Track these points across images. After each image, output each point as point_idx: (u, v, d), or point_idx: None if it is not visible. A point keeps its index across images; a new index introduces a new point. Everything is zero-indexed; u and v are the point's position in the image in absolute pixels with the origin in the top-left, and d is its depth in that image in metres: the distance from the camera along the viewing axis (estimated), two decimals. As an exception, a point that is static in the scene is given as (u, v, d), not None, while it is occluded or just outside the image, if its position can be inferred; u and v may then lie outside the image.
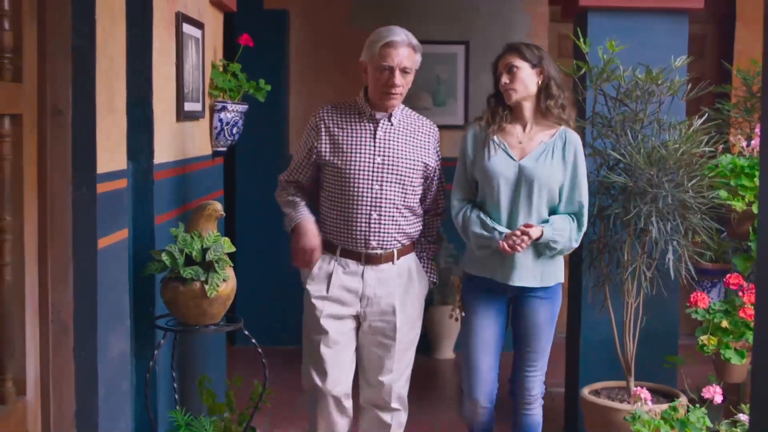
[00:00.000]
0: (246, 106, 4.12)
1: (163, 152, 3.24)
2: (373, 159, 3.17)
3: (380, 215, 3.17)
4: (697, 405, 3.59)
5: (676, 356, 4.02)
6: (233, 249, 3.03)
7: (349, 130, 3.21)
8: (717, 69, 5.91)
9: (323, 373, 3.18)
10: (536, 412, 3.42)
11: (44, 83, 2.45)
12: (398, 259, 3.25)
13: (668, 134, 3.68)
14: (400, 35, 3.16)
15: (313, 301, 3.20)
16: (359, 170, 3.16)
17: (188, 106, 3.53)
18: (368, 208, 3.17)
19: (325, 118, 3.24)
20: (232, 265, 3.07)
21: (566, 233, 3.21)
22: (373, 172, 3.17)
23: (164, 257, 2.89)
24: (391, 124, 3.23)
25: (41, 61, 2.44)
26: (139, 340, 3.03)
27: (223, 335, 4.34)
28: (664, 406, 3.65)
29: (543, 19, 5.89)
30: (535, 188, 3.20)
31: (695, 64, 6.13)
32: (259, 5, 5.78)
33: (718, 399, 3.61)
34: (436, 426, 4.55)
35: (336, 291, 3.20)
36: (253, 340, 3.26)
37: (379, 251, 3.21)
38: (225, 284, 2.98)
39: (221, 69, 4.09)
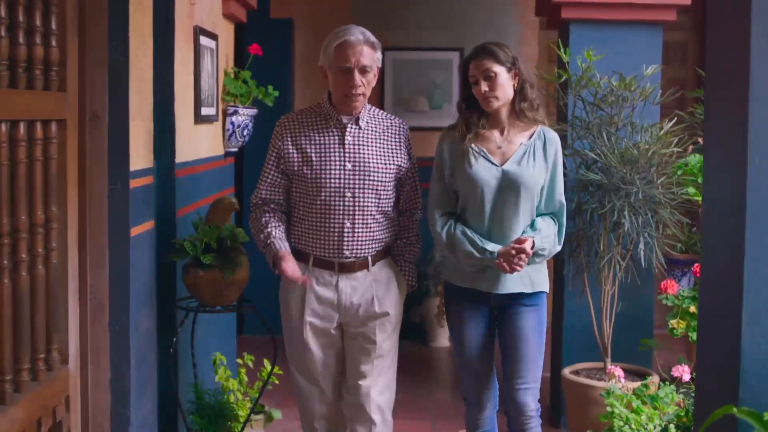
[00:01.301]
0: (255, 110, 4.48)
1: (183, 152, 3.60)
2: (344, 166, 3.04)
3: (354, 224, 3.05)
4: (667, 382, 3.95)
5: (650, 339, 4.37)
6: (247, 239, 3.38)
7: (316, 138, 3.07)
8: (698, 74, 6.26)
9: (316, 385, 3.16)
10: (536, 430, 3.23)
11: (84, 92, 2.82)
12: (373, 265, 3.12)
13: (640, 136, 4.03)
14: (355, 34, 3.02)
15: (292, 313, 3.12)
16: (329, 179, 3.02)
17: (204, 111, 3.90)
18: (341, 217, 3.04)
19: (291, 126, 3.10)
20: (246, 253, 3.42)
21: (551, 238, 3.14)
22: (344, 179, 3.03)
23: (186, 245, 3.25)
24: (359, 128, 3.08)
25: (81, 73, 2.80)
26: (161, 320, 3.38)
27: (234, 322, 4.70)
28: (638, 384, 4.01)
29: (533, 27, 6.25)
30: (522, 192, 3.08)
31: (678, 69, 6.53)
32: (266, 14, 6.13)
33: (686, 377, 3.96)
34: (430, 406, 4.91)
35: (312, 304, 3.09)
36: (262, 318, 3.58)
37: (352, 259, 3.08)
38: (240, 270, 3.33)
39: (233, 76, 4.45)
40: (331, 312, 3.11)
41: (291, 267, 3.03)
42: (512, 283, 3.13)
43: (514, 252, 3.03)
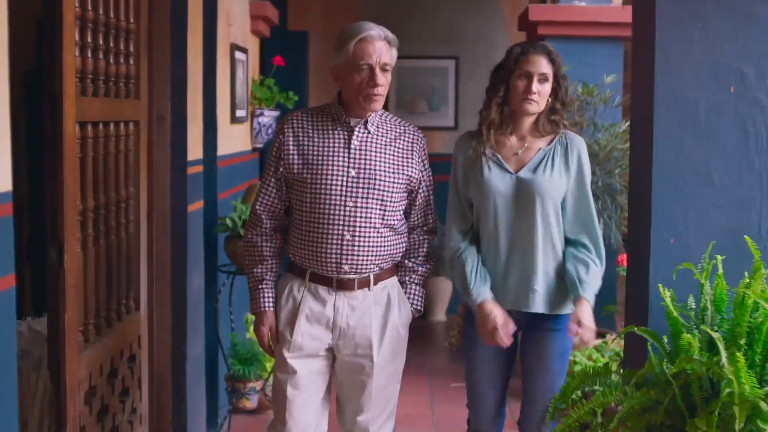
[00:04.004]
0: (278, 112, 5.29)
1: (222, 147, 4.40)
2: (347, 172, 2.77)
3: (354, 236, 2.77)
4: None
5: (612, 306, 5.16)
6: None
7: (320, 140, 2.81)
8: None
9: (289, 416, 2.84)
10: None
11: (152, 99, 3.60)
12: (375, 284, 2.84)
13: (601, 134, 4.81)
14: (375, 29, 2.77)
15: (280, 331, 2.87)
16: (330, 185, 2.76)
17: (238, 113, 4.70)
18: (340, 228, 2.77)
19: (294, 125, 2.84)
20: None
21: (597, 280, 2.94)
22: (346, 187, 2.76)
23: (228, 221, 4.05)
24: (368, 131, 2.83)
25: (150, 84, 3.59)
26: (208, 281, 4.17)
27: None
28: (599, 341, 4.79)
29: (520, 39, 7.02)
30: (537, 203, 2.84)
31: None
32: (285, 27, 6.92)
33: (639, 335, 4.74)
34: (427, 365, 5.71)
35: (303, 323, 2.83)
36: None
37: (352, 276, 2.81)
38: (270, 240, 4.13)
39: (259, 83, 5.25)
40: (323, 332, 2.84)
41: (266, 336, 2.89)
42: (538, 302, 2.89)
43: (577, 329, 2.81)
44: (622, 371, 2.84)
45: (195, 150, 3.85)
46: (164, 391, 3.70)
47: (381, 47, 2.76)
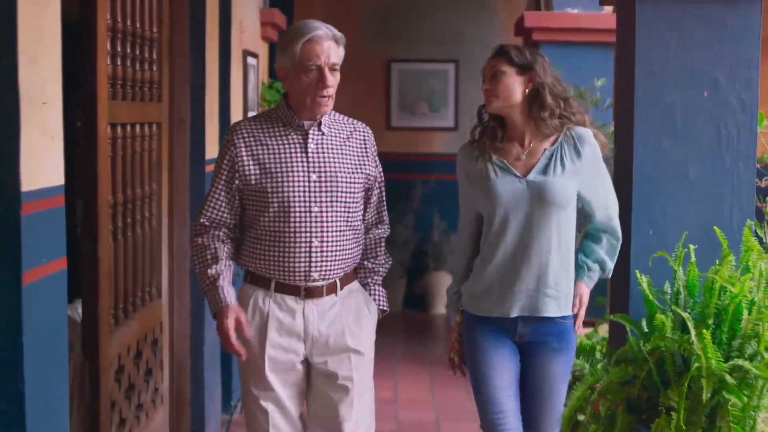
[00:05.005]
0: (286, 114, 5.57)
1: (235, 147, 4.69)
2: (308, 177, 2.69)
3: (322, 242, 2.69)
4: (613, 329, 5.01)
5: (603, 297, 5.43)
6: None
7: (275, 146, 2.71)
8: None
9: (273, 429, 2.75)
10: None
11: (173, 102, 3.88)
12: (341, 289, 2.78)
13: (592, 134, 5.09)
14: (322, 28, 2.67)
15: (253, 345, 2.73)
16: (293, 192, 2.67)
17: (250, 115, 4.98)
18: (308, 235, 2.68)
19: (244, 134, 2.72)
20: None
21: (601, 261, 3.02)
22: (309, 192, 2.68)
23: (241, 216, 4.33)
24: (322, 133, 2.74)
25: (171, 89, 3.87)
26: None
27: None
28: (590, 330, 5.07)
29: (517, 43, 7.32)
30: (551, 207, 2.77)
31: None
32: (290, 32, 7.21)
33: (628, 324, 5.02)
34: (427, 354, 6.00)
35: (274, 336, 2.72)
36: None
37: (320, 283, 2.73)
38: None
39: (268, 86, 5.54)
40: (295, 343, 2.74)
41: (233, 330, 2.68)
42: (548, 308, 2.82)
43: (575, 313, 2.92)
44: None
45: (212, 149, 4.13)
46: (183, 374, 3.99)
47: (329, 47, 2.68)
